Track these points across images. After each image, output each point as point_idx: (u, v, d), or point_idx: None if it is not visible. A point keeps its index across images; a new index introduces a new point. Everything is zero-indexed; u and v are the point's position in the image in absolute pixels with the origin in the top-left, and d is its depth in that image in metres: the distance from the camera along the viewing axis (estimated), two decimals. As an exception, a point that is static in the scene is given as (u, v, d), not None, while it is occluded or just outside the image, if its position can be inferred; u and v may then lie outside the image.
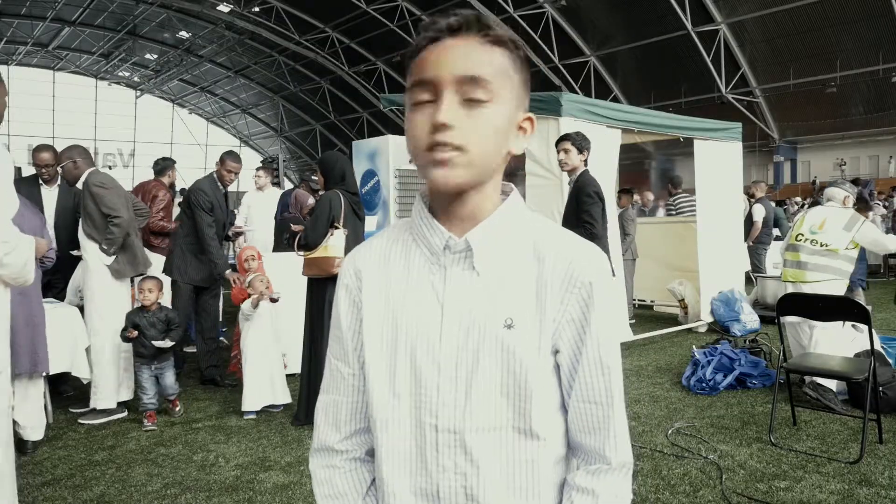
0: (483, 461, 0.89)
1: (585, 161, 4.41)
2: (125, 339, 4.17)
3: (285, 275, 4.82)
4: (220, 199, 5.10)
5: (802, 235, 4.71)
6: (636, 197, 10.82)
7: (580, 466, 0.95)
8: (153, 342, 4.18)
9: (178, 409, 4.48)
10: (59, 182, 4.93)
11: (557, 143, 4.50)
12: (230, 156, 5.22)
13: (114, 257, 4.32)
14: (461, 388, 0.88)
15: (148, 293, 4.27)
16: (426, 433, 0.90)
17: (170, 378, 4.36)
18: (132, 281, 4.60)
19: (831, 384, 4.30)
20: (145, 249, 4.87)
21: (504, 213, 0.91)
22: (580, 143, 4.38)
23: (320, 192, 4.27)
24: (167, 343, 4.25)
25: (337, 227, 3.95)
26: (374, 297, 0.95)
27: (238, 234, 5.93)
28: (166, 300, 4.83)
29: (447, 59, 0.83)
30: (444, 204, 0.91)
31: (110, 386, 4.31)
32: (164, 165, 6.35)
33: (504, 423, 0.89)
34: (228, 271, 4.94)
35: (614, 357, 0.93)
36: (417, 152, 0.85)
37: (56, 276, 4.84)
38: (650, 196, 11.35)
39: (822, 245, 4.62)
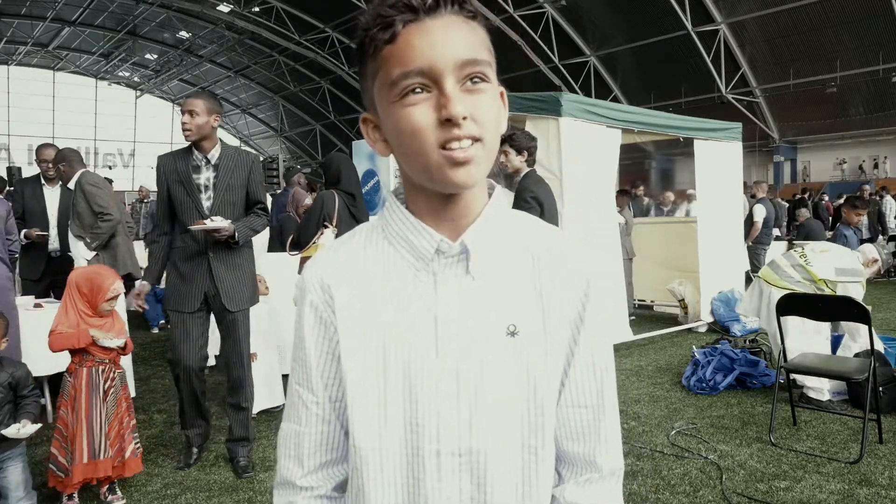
0: (491, 484, 0.81)
1: (529, 161, 4.11)
2: None
3: (281, 274, 4.83)
4: (185, 171, 3.33)
5: (801, 247, 4.72)
6: (644, 196, 10.94)
7: (569, 479, 0.88)
8: None
9: None
10: (61, 182, 4.97)
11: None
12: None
13: (94, 254, 4.37)
14: (464, 406, 0.80)
15: None
16: (425, 461, 0.80)
17: (15, 476, 2.70)
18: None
19: (824, 388, 4.30)
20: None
21: (493, 211, 0.84)
22: (518, 143, 4.03)
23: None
24: (27, 428, 2.65)
25: (327, 227, 3.96)
26: (351, 314, 0.83)
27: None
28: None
29: (441, 43, 0.73)
30: (434, 204, 0.81)
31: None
32: None
33: (515, 440, 0.82)
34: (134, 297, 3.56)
35: (608, 358, 0.87)
36: (426, 151, 0.74)
37: (59, 277, 4.84)
38: (670, 195, 11.40)
39: (805, 260, 4.53)
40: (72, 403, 2.94)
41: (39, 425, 2.76)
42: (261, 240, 6.74)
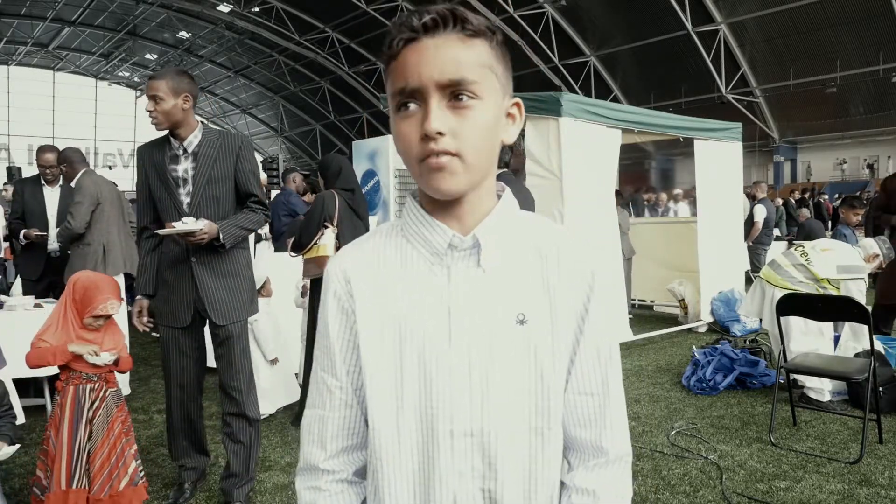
0: (501, 463, 0.86)
1: (506, 164, 4.10)
2: None
3: (283, 274, 4.83)
4: (161, 162, 2.88)
5: (802, 246, 4.71)
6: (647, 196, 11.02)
7: (578, 465, 0.93)
8: None
9: None
10: (60, 182, 4.99)
11: None
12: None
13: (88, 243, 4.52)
14: (476, 390, 0.85)
15: None
16: (440, 441, 0.86)
17: None
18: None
19: (825, 388, 4.30)
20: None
21: (503, 210, 0.90)
22: None
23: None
24: (4, 451, 2.43)
25: (328, 227, 3.96)
26: (370, 305, 0.90)
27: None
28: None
29: (429, 64, 0.79)
30: (443, 204, 0.87)
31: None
32: None
33: (523, 422, 0.87)
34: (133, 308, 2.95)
35: (612, 348, 0.92)
36: (410, 161, 0.83)
37: (58, 277, 4.85)
38: (664, 196, 11.57)
39: (807, 259, 4.52)
40: (56, 425, 2.60)
41: (17, 446, 2.51)
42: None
